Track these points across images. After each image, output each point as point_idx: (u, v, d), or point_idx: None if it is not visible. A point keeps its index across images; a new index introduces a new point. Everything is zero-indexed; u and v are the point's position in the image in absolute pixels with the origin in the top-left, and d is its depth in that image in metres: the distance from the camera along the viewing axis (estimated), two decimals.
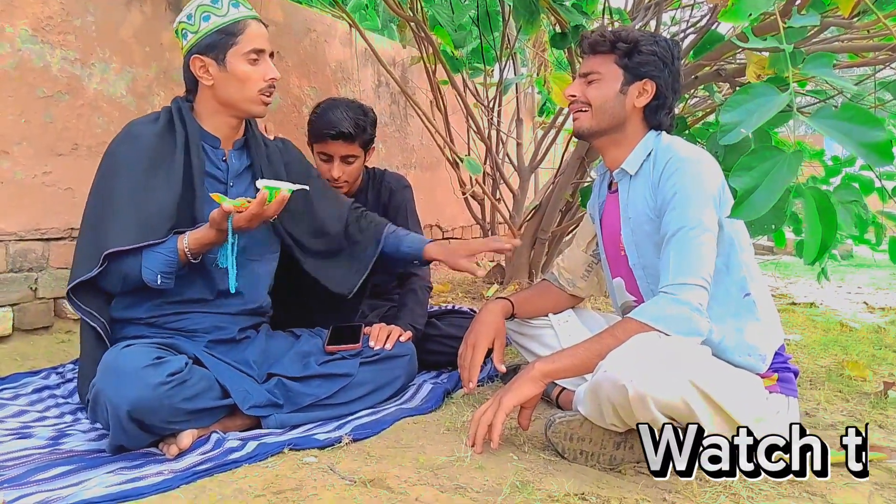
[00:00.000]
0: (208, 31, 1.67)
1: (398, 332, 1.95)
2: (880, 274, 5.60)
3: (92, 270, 1.58)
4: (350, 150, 2.18)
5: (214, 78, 1.69)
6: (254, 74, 1.69)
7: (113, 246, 1.58)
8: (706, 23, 2.61)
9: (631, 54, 1.61)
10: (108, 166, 1.69)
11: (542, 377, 1.49)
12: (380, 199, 2.37)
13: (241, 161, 1.83)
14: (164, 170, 1.67)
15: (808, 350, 2.72)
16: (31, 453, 1.49)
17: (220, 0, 1.68)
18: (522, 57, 4.38)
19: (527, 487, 1.34)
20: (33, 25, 2.35)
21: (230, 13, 1.68)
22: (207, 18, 1.68)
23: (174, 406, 1.48)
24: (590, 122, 1.65)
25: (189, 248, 1.61)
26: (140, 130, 1.71)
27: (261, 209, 1.56)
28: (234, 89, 1.70)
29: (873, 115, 1.16)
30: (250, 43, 1.68)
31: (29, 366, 2.17)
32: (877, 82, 2.26)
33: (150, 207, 1.63)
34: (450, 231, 4.92)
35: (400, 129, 4.43)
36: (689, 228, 1.49)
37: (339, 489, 1.32)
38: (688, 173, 1.54)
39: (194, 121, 1.74)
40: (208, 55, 1.68)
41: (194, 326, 1.72)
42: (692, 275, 1.46)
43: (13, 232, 2.33)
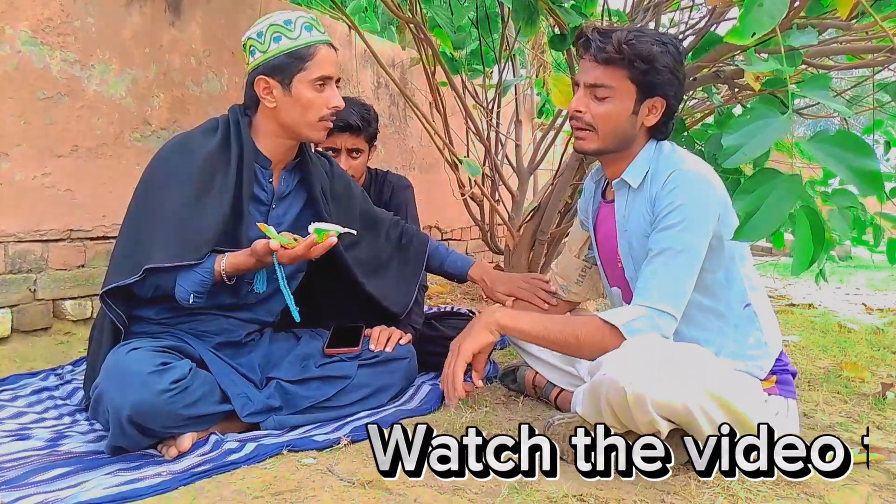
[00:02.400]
0: (277, 53, 1.63)
1: (398, 335, 1.96)
2: (879, 275, 5.61)
3: (128, 279, 1.57)
4: (356, 142, 2.22)
5: (277, 101, 1.66)
6: (318, 101, 1.66)
7: (155, 261, 1.56)
8: (705, 25, 2.61)
9: (648, 72, 1.48)
10: (160, 176, 1.66)
11: (499, 328, 1.54)
12: (381, 198, 2.39)
13: (289, 184, 1.81)
14: (215, 189, 1.65)
15: (807, 351, 2.72)
16: (30, 455, 1.49)
17: (294, 23, 1.65)
18: (521, 58, 4.38)
19: (525, 488, 1.34)
20: (33, 27, 2.35)
21: (302, 36, 1.64)
22: (278, 40, 1.63)
23: (175, 412, 1.48)
24: (597, 143, 1.55)
25: (226, 271, 1.60)
26: (196, 145, 1.68)
27: (307, 251, 1.57)
28: (296, 114, 1.67)
29: (865, 143, 1.21)
30: (319, 70, 1.65)
31: (27, 367, 2.17)
32: (875, 84, 2.27)
33: (196, 226, 1.61)
34: (449, 232, 4.92)
35: (399, 130, 4.43)
36: (678, 252, 1.45)
37: (337, 490, 1.32)
38: (690, 192, 1.48)
39: (251, 140, 1.71)
40: (274, 77, 1.64)
41: (205, 329, 1.73)
42: (670, 303, 1.44)
43: (12, 233, 2.33)
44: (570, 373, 1.85)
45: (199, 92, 2.94)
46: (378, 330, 1.96)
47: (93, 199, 2.54)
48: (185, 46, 2.88)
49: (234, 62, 3.09)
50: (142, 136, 2.70)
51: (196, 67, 2.93)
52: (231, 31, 3.08)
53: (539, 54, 4.22)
